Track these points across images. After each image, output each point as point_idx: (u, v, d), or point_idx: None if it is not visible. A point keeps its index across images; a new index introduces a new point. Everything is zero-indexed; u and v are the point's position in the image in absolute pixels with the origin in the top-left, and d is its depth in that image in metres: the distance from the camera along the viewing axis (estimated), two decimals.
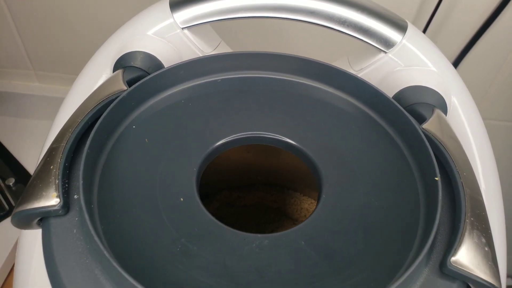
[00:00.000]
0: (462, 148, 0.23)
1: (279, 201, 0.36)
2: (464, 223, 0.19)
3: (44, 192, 0.20)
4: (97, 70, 0.30)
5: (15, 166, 0.55)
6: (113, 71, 0.29)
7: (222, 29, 0.33)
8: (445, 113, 0.27)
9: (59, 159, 0.21)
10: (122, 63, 0.28)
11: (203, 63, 0.27)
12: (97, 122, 0.22)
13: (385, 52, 0.28)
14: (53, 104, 0.58)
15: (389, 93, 0.26)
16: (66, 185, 0.21)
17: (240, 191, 0.36)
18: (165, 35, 0.29)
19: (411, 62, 0.28)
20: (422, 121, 0.24)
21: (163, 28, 0.29)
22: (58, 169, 0.20)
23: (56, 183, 0.20)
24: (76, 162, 0.22)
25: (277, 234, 0.20)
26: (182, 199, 0.22)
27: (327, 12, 0.29)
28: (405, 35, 0.28)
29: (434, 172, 0.21)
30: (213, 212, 0.23)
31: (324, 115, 0.26)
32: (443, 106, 0.27)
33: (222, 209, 0.36)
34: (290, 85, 0.27)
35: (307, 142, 0.25)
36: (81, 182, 0.19)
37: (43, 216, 0.20)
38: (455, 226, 0.20)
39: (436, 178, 0.21)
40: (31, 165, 0.55)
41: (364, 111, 0.26)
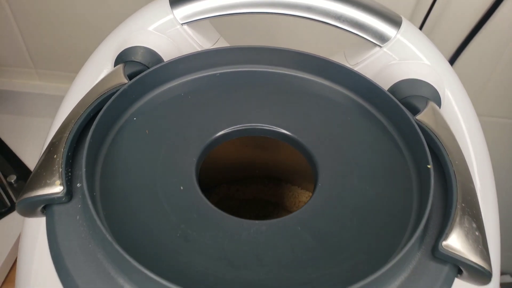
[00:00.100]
0: (454, 138, 0.24)
1: (277, 194, 0.37)
2: (456, 208, 0.20)
3: (48, 180, 0.20)
4: (99, 65, 0.30)
5: (17, 163, 0.56)
6: (114, 66, 0.29)
7: (220, 25, 0.34)
8: (439, 106, 0.28)
9: (62, 149, 0.21)
10: (123, 58, 0.29)
11: (202, 57, 0.27)
12: (99, 113, 0.23)
13: (380, 47, 0.29)
14: (54, 102, 0.58)
15: (384, 86, 0.27)
16: (69, 174, 0.21)
17: (239, 184, 0.37)
18: (165, 30, 0.30)
19: (406, 56, 0.29)
20: (416, 112, 0.25)
21: (163, 24, 0.30)
22: (62, 158, 0.21)
23: (60, 171, 0.21)
24: (79, 153, 0.23)
25: (274, 220, 0.21)
26: (182, 188, 0.22)
27: (323, 8, 0.29)
28: (400, 30, 0.29)
29: (426, 160, 0.21)
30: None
31: (321, 108, 0.27)
32: (436, 99, 0.27)
33: (221, 202, 0.36)
34: (287, 78, 0.28)
35: (303, 133, 0.25)
36: (84, 169, 0.20)
37: (47, 203, 0.20)
38: (447, 212, 0.21)
39: (429, 166, 0.21)
40: (32, 162, 0.56)
41: (359, 103, 0.27)
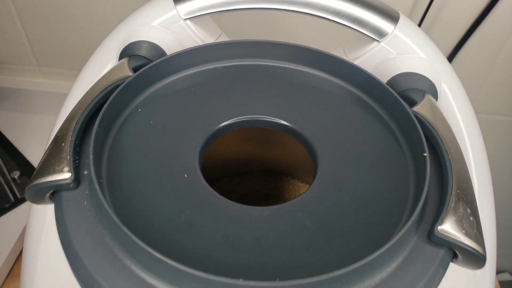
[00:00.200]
0: (450, 129, 0.24)
1: (277, 188, 0.37)
2: (451, 195, 0.21)
3: (56, 167, 0.21)
4: (104, 59, 0.31)
5: (20, 160, 0.56)
6: (119, 60, 0.30)
7: (222, 21, 0.35)
8: (436, 99, 0.28)
9: (70, 138, 0.22)
10: (127, 52, 0.30)
11: (204, 51, 0.28)
12: (106, 104, 0.23)
13: (378, 41, 0.30)
14: (57, 100, 0.59)
15: (382, 80, 0.27)
16: (77, 162, 0.22)
17: (240, 178, 0.38)
18: (168, 26, 0.31)
19: (403, 51, 0.29)
20: (413, 105, 0.26)
21: (166, 20, 0.31)
22: (69, 146, 0.22)
23: (68, 158, 0.21)
24: (85, 142, 0.23)
25: (275, 207, 0.22)
26: (186, 176, 0.23)
27: (323, 4, 0.30)
28: (397, 25, 0.30)
29: (423, 148, 0.22)
30: None
31: (320, 100, 0.27)
32: (433, 92, 0.28)
33: (222, 195, 0.37)
34: (288, 72, 0.29)
35: (304, 125, 0.26)
36: (91, 156, 0.21)
37: (56, 190, 0.21)
38: (443, 199, 0.21)
39: (425, 154, 0.22)
40: (35, 159, 0.56)
41: (358, 96, 0.27)
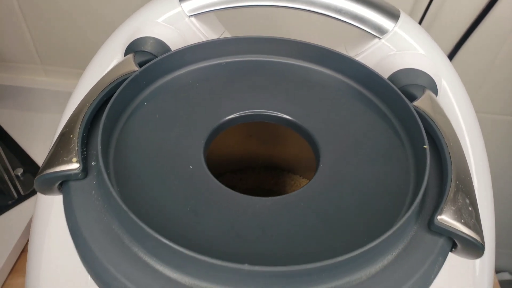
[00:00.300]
0: (450, 123, 0.25)
1: (279, 183, 0.38)
2: (450, 185, 0.21)
3: (65, 158, 0.22)
4: (109, 55, 0.32)
5: (23, 157, 0.57)
6: (124, 56, 0.31)
7: (225, 18, 0.35)
8: (436, 94, 0.29)
9: (78, 129, 0.23)
10: (133, 48, 0.30)
11: (209, 47, 0.28)
12: (113, 97, 0.24)
13: (379, 38, 0.30)
14: (60, 98, 0.60)
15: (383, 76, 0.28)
16: (85, 153, 0.22)
17: (242, 174, 0.38)
18: (173, 22, 0.31)
19: (403, 47, 0.30)
20: (413, 100, 0.26)
21: (171, 16, 0.31)
22: (78, 138, 0.22)
23: (76, 149, 0.22)
24: (92, 135, 0.24)
25: (278, 197, 0.22)
26: (191, 167, 0.23)
27: (325, 2, 0.31)
28: (398, 22, 0.30)
29: (422, 141, 0.23)
30: None
31: (322, 95, 0.28)
32: (433, 87, 0.29)
33: None
34: (291, 67, 0.29)
35: (306, 119, 0.26)
36: (99, 147, 0.21)
37: (64, 180, 0.22)
38: (442, 190, 0.22)
39: (425, 146, 0.22)
40: (39, 156, 0.57)
41: (359, 90, 0.28)
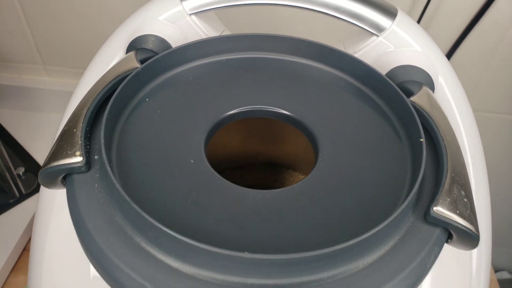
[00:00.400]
0: (446, 117, 0.25)
1: (279, 180, 0.38)
2: (446, 177, 0.22)
3: (69, 151, 0.22)
4: (111, 52, 0.32)
5: (25, 156, 0.57)
6: (126, 53, 0.31)
7: (225, 17, 0.36)
8: (432, 90, 0.29)
9: (81, 124, 0.23)
10: (134, 45, 0.31)
11: (209, 44, 0.29)
12: (115, 92, 0.24)
13: (377, 36, 0.31)
14: (62, 98, 0.60)
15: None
16: (87, 147, 0.23)
17: (242, 170, 0.39)
18: (174, 20, 0.32)
19: (401, 45, 0.30)
20: (410, 95, 0.27)
21: (172, 14, 0.32)
22: (81, 132, 0.23)
23: (79, 143, 0.22)
24: (95, 130, 0.24)
25: (278, 190, 0.22)
26: (192, 161, 0.24)
27: (324, 0, 0.31)
28: (395, 20, 0.31)
29: (419, 134, 0.23)
30: None
31: (321, 91, 0.28)
32: (430, 84, 0.29)
33: None
34: (290, 64, 0.30)
35: (305, 115, 0.27)
36: (102, 141, 0.22)
37: (68, 173, 0.22)
38: (438, 182, 0.22)
39: (421, 140, 0.23)
40: (40, 155, 0.57)
41: (357, 87, 0.28)
